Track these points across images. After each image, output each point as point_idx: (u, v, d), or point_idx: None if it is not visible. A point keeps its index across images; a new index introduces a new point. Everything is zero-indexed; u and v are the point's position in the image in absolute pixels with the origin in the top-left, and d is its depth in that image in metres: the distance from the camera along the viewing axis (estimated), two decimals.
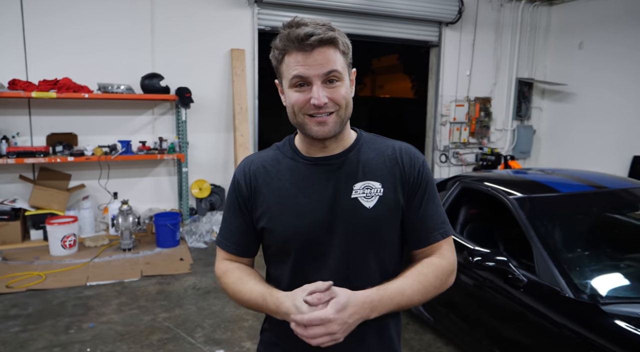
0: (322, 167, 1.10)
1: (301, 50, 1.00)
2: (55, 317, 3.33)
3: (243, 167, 1.16)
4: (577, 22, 6.98)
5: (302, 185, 1.09)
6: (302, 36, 0.98)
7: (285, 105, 1.09)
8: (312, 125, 1.03)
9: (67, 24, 5.00)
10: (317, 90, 1.00)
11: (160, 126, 5.58)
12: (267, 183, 1.11)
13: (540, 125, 7.71)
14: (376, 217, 1.08)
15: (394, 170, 1.11)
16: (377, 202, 1.08)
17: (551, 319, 1.97)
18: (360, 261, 1.09)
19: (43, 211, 4.83)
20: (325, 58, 1.00)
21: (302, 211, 1.08)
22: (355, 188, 1.08)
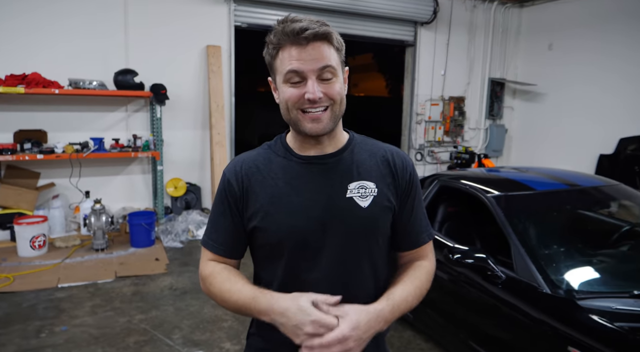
0: (317, 166, 1.09)
1: (296, 44, 0.99)
2: (25, 320, 3.21)
3: (234, 166, 1.14)
4: (546, 24, 7.20)
5: (296, 184, 1.08)
6: (297, 30, 0.98)
7: (278, 102, 1.08)
8: (306, 122, 1.03)
9: (37, 17, 4.81)
10: (312, 84, 1.00)
11: (134, 123, 5.44)
12: (259, 182, 1.09)
13: (512, 124, 7.92)
14: (371, 216, 1.08)
15: (386, 172, 1.12)
16: (371, 202, 1.08)
17: (529, 315, 2.03)
18: (354, 261, 1.09)
19: (10, 210, 4.64)
20: (319, 53, 1.00)
21: (296, 210, 1.06)
22: (350, 188, 1.08)
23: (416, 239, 1.17)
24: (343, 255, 1.08)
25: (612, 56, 6.26)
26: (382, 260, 1.14)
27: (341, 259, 1.07)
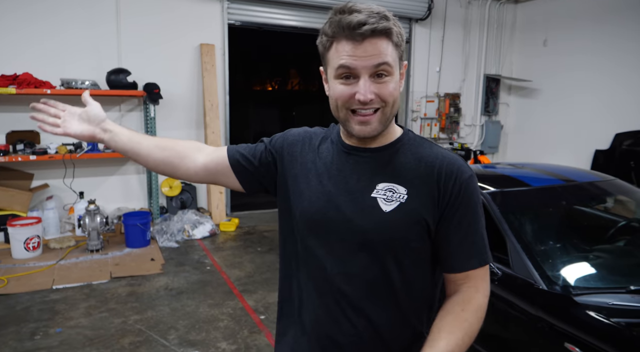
0: (354, 157, 1.05)
1: (351, 39, 0.92)
2: (19, 323, 3.18)
3: (295, 131, 1.17)
4: (541, 20, 7.19)
5: (331, 169, 1.06)
6: (355, 24, 0.91)
7: (328, 95, 1.03)
8: (354, 123, 0.97)
9: (28, 17, 4.76)
10: (364, 84, 0.93)
11: (128, 123, 5.40)
12: (302, 156, 1.11)
13: (507, 120, 7.92)
14: (390, 223, 0.98)
15: (427, 180, 1.00)
16: (395, 208, 0.98)
17: (525, 311, 2.02)
18: (359, 262, 1.01)
19: (4, 212, 4.60)
20: (376, 49, 0.92)
21: (321, 194, 1.04)
22: (378, 188, 1.00)
23: (461, 263, 1.01)
24: (347, 255, 1.01)
25: (607, 52, 6.26)
26: (406, 288, 1.02)
27: (344, 259, 1.02)
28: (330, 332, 1.05)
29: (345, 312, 1.03)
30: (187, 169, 1.17)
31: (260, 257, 4.51)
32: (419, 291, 1.05)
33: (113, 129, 1.21)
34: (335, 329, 1.04)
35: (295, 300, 1.11)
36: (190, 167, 1.16)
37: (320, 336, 1.06)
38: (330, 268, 1.03)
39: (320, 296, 1.05)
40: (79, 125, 1.21)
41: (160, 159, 1.17)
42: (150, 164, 1.19)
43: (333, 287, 1.03)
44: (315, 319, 1.07)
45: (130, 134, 1.20)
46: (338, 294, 1.03)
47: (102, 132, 1.20)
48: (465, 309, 1.00)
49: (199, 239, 5.13)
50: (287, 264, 1.13)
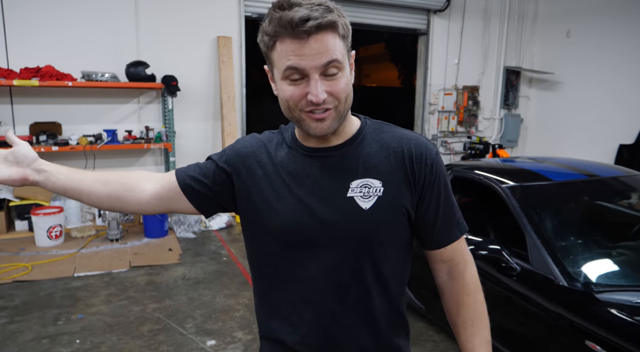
0: (319, 160, 0.98)
1: (295, 37, 0.85)
2: (42, 308, 3.27)
3: (244, 140, 1.08)
4: (564, 11, 7.01)
5: (297, 176, 0.98)
6: (297, 21, 0.83)
7: (276, 94, 0.96)
8: (310, 121, 0.91)
9: (49, 10, 4.83)
10: (315, 84, 0.87)
11: (146, 115, 5.47)
12: (262, 167, 1.01)
13: (528, 114, 7.77)
14: (373, 219, 0.95)
15: (398, 166, 0.97)
16: (374, 203, 0.95)
17: (545, 308, 1.99)
18: (352, 265, 0.98)
19: (28, 201, 4.73)
20: (323, 46, 0.85)
21: (295, 205, 0.97)
22: (352, 186, 0.96)
23: (446, 236, 1.04)
24: (340, 257, 0.97)
25: (632, 44, 6.08)
26: (390, 264, 1.01)
27: (338, 261, 0.97)
28: (329, 344, 1.02)
29: (341, 321, 1.00)
30: (138, 201, 1.06)
31: None
32: (403, 276, 1.07)
33: (48, 169, 1.04)
34: (334, 340, 1.02)
35: (282, 319, 1.03)
36: (141, 199, 1.06)
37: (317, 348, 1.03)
38: (320, 279, 0.98)
39: (314, 308, 1.00)
40: (6, 170, 1.01)
41: (104, 194, 1.05)
42: (94, 202, 1.07)
43: (327, 298, 0.99)
44: (308, 333, 1.01)
45: (68, 172, 1.05)
46: (333, 303, 0.99)
47: (34, 174, 1.03)
48: (470, 292, 1.07)
49: (216, 230, 5.19)
50: (266, 285, 1.06)
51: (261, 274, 1.06)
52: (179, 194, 1.05)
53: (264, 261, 1.04)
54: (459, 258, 1.07)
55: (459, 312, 1.08)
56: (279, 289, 1.03)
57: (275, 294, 1.04)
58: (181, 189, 1.05)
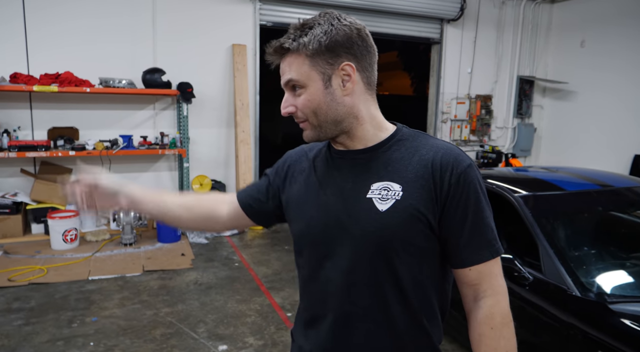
0: (346, 161, 1.05)
1: (279, 56, 1.01)
2: (57, 311, 3.33)
3: (293, 151, 1.21)
4: (579, 20, 6.98)
5: (325, 177, 1.07)
6: (274, 47, 0.99)
7: None
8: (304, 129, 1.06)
9: (69, 18, 4.97)
10: (284, 99, 1.02)
11: (161, 121, 5.56)
12: (301, 172, 1.13)
13: (541, 123, 7.72)
14: (388, 222, 0.95)
15: (422, 173, 0.96)
16: (391, 206, 0.95)
17: (558, 318, 1.98)
18: (366, 267, 0.99)
19: (44, 205, 4.82)
20: (287, 67, 0.99)
21: (317, 203, 1.05)
22: (373, 188, 0.98)
23: (472, 255, 0.97)
24: (357, 258, 0.99)
25: None
26: (417, 288, 0.99)
27: (355, 262, 0.99)
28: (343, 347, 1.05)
29: (356, 324, 1.02)
30: (219, 224, 1.24)
31: (287, 255, 4.56)
32: (429, 289, 1.01)
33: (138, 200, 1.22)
34: (349, 343, 1.03)
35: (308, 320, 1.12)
36: (221, 222, 1.23)
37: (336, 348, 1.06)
38: (336, 279, 1.01)
39: (332, 310, 1.04)
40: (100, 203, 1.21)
41: (190, 220, 1.22)
42: (182, 227, 1.29)
43: (343, 299, 1.01)
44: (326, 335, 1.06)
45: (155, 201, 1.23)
46: (349, 305, 1.01)
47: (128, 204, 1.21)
48: (494, 326, 0.98)
49: (228, 236, 5.23)
50: (300, 287, 1.16)
51: (299, 276, 1.15)
52: (243, 213, 1.21)
53: (299, 264, 1.13)
54: (487, 285, 0.99)
55: (480, 346, 0.99)
56: (306, 291, 1.12)
57: (304, 294, 1.13)
58: (242, 209, 1.20)
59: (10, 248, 4.48)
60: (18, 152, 4.55)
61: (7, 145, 4.58)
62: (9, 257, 4.28)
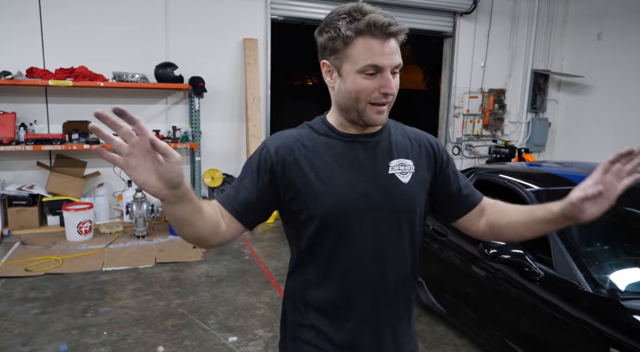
0: (359, 144, 1.12)
1: (379, 38, 1.00)
2: (72, 300, 3.40)
3: (276, 138, 1.13)
4: (595, 13, 6.84)
5: (341, 160, 1.09)
6: (384, 24, 0.98)
7: (332, 86, 1.09)
8: (372, 113, 1.05)
9: (83, 13, 5.02)
10: (390, 80, 1.02)
11: (173, 115, 5.60)
12: (304, 156, 1.09)
13: (556, 118, 7.61)
14: (411, 191, 1.13)
15: (422, 150, 1.18)
16: (411, 178, 1.13)
17: (569, 314, 1.96)
18: (396, 235, 1.12)
19: (60, 197, 4.91)
20: (396, 49, 1.02)
21: (344, 184, 1.07)
22: (392, 165, 1.12)
23: (475, 196, 1.22)
24: (386, 229, 1.11)
25: None
26: (418, 231, 1.18)
27: (384, 232, 1.11)
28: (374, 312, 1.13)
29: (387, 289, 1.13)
30: (223, 237, 1.07)
31: None
32: (418, 244, 1.20)
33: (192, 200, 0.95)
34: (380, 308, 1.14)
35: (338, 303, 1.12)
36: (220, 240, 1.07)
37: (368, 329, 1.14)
38: (369, 252, 1.10)
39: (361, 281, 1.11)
40: (144, 174, 0.84)
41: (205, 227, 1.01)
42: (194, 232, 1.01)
43: (375, 267, 1.11)
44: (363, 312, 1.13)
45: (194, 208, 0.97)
46: (379, 274, 1.11)
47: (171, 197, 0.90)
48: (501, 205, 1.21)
49: None
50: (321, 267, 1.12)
51: (315, 265, 1.13)
52: (239, 225, 1.09)
53: (317, 251, 1.11)
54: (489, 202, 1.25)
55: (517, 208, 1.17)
56: (329, 276, 1.12)
57: (327, 282, 1.13)
58: (240, 223, 1.09)
59: (27, 239, 4.57)
60: (34, 145, 4.63)
61: (24, 139, 4.67)
62: (26, 248, 4.38)
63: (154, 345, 2.87)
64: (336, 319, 1.13)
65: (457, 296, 2.85)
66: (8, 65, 4.72)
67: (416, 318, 3.27)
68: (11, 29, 4.81)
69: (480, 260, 2.52)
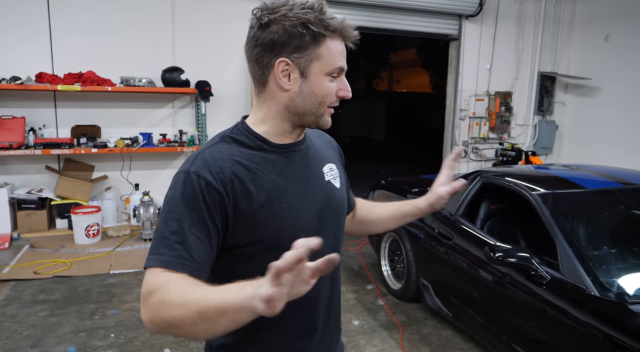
0: (295, 154, 1.03)
1: (346, 41, 0.97)
2: (80, 303, 3.42)
3: (207, 165, 0.92)
4: (603, 15, 6.80)
5: (286, 175, 0.99)
6: (353, 29, 0.97)
7: (288, 88, 0.95)
8: (327, 116, 1.01)
9: (91, 19, 5.08)
10: (347, 83, 1.00)
11: (180, 119, 5.64)
12: (250, 179, 0.94)
13: (563, 120, 7.56)
14: (343, 195, 1.14)
15: (333, 151, 1.19)
16: (340, 182, 1.13)
17: (575, 318, 1.95)
18: (339, 239, 1.13)
19: (68, 200, 4.95)
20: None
21: (296, 201, 0.99)
22: (325, 171, 1.09)
23: (353, 197, 1.30)
24: (334, 236, 1.10)
25: None
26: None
27: (333, 240, 1.08)
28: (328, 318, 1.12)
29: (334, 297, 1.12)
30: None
31: None
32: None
33: None
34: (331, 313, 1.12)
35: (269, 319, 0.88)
36: None
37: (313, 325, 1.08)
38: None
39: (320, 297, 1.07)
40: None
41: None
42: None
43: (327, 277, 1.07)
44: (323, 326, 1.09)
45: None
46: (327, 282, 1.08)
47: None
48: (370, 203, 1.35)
49: None
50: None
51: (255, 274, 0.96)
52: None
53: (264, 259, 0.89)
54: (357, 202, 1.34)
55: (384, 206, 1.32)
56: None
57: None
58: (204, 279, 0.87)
59: (36, 242, 4.62)
60: (43, 149, 4.69)
61: (33, 143, 4.72)
62: (35, 250, 4.42)
63: (161, 348, 2.88)
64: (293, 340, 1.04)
65: (463, 299, 2.84)
66: (18, 70, 4.78)
67: (422, 322, 3.26)
68: (21, 35, 4.88)
69: (487, 263, 2.51)
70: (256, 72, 0.99)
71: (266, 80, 0.98)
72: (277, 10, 0.93)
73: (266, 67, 0.96)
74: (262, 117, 1.01)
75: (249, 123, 1.02)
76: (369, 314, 3.39)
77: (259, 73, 0.98)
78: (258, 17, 0.95)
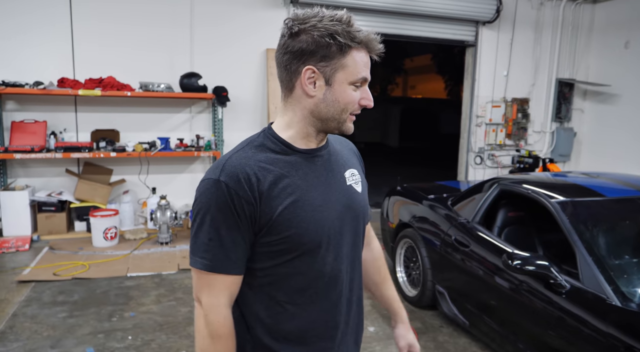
0: (318, 158, 1.08)
1: (371, 53, 1.02)
2: (98, 305, 3.48)
3: (236, 171, 0.98)
4: (623, 21, 6.71)
5: (309, 178, 1.04)
6: (378, 41, 1.01)
7: (313, 94, 1.01)
8: (349, 123, 1.06)
9: (112, 26, 5.19)
10: (369, 93, 1.05)
11: (197, 124, 5.72)
12: (274, 183, 0.99)
13: (582, 127, 7.46)
14: (365, 199, 1.19)
15: (354, 157, 1.23)
16: (362, 186, 1.18)
17: (596, 328, 1.92)
18: (360, 243, 1.18)
19: (87, 203, 5.04)
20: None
21: (319, 204, 1.04)
22: (347, 176, 1.13)
23: (370, 215, 1.29)
24: (355, 239, 1.15)
25: None
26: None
27: (354, 243, 1.14)
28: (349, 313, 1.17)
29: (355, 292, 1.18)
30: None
31: None
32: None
33: None
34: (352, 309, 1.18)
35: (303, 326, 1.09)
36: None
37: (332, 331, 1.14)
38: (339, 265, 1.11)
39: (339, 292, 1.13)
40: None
41: None
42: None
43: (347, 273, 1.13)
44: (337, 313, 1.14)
45: None
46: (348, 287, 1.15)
47: None
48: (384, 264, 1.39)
49: None
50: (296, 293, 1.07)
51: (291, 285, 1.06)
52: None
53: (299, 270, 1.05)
54: (371, 235, 1.36)
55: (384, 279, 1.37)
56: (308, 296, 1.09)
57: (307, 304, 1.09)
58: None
59: (55, 244, 4.71)
60: (64, 153, 4.79)
61: (54, 146, 4.83)
62: (54, 253, 4.51)
63: (178, 350, 2.91)
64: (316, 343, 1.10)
65: (480, 307, 2.81)
66: (41, 75, 4.91)
67: (438, 329, 3.23)
68: (45, 41, 5.01)
69: (504, 271, 2.49)
70: (284, 77, 1.05)
71: (293, 86, 1.04)
72: (307, 21, 0.99)
73: (294, 73, 1.02)
74: (288, 121, 1.06)
75: (275, 128, 1.08)
76: (384, 321, 3.37)
77: (287, 79, 1.04)
78: (289, 26, 1.01)
